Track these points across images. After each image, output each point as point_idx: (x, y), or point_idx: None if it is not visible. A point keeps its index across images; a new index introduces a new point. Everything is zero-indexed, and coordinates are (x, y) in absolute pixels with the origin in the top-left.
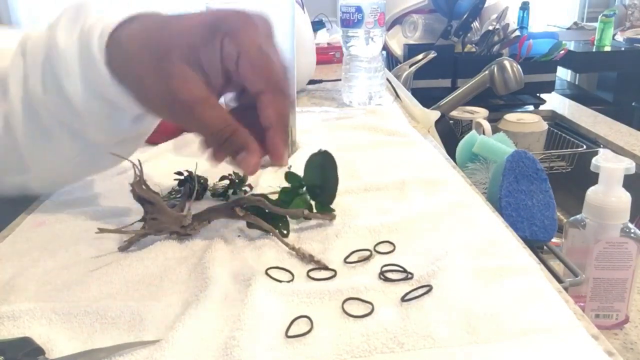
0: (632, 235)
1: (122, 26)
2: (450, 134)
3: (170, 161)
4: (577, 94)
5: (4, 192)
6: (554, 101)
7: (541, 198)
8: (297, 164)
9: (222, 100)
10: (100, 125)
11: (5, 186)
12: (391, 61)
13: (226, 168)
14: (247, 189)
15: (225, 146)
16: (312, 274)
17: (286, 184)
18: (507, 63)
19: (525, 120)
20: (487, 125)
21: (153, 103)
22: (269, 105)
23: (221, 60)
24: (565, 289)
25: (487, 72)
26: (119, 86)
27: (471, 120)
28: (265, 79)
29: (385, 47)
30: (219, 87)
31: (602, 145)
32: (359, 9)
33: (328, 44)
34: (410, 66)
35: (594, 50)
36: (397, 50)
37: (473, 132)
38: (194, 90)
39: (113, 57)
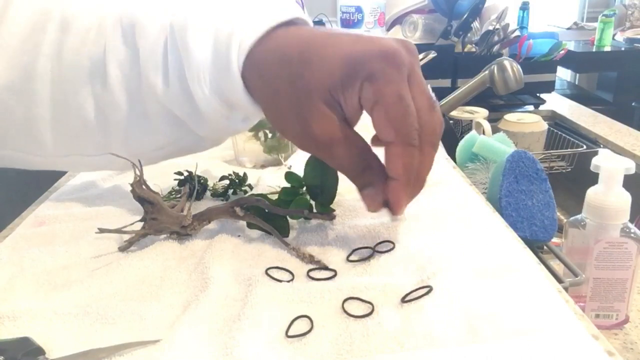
0: (632, 235)
1: (260, 41)
2: (450, 134)
3: (170, 161)
4: (577, 94)
5: (84, 169)
6: (554, 101)
7: (541, 198)
8: (297, 164)
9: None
10: (214, 124)
11: (84, 165)
12: None
13: (226, 168)
14: (247, 189)
15: (356, 179)
16: (312, 274)
17: (286, 184)
18: (507, 63)
19: (525, 120)
20: (487, 125)
21: (286, 132)
22: (397, 157)
23: (359, 102)
24: (565, 289)
25: (487, 72)
26: (249, 98)
27: (471, 120)
28: (396, 131)
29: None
30: (357, 119)
31: (602, 145)
32: (359, 9)
33: None
34: None
35: (594, 50)
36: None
37: (473, 132)
38: (333, 132)
39: (248, 72)
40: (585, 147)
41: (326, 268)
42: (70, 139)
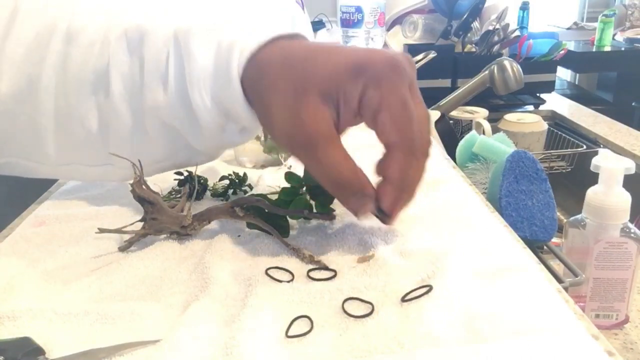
0: (632, 235)
1: (262, 48)
2: (450, 134)
3: None
4: (577, 94)
5: (84, 179)
6: (554, 101)
7: (541, 198)
8: (297, 164)
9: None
10: (210, 135)
11: (85, 175)
12: None
13: (226, 168)
14: (247, 189)
15: (345, 188)
16: (312, 274)
17: (286, 184)
18: (507, 63)
19: (525, 120)
20: (487, 125)
21: (277, 131)
22: (397, 162)
23: (358, 104)
24: (565, 289)
25: (487, 72)
26: (246, 105)
27: (471, 120)
28: (401, 137)
29: (385, 47)
30: (344, 128)
31: (602, 145)
32: (359, 9)
33: None
34: None
35: (594, 50)
36: (397, 50)
37: (473, 132)
38: (321, 126)
39: (248, 77)
40: (585, 147)
41: (326, 268)
42: (72, 148)
